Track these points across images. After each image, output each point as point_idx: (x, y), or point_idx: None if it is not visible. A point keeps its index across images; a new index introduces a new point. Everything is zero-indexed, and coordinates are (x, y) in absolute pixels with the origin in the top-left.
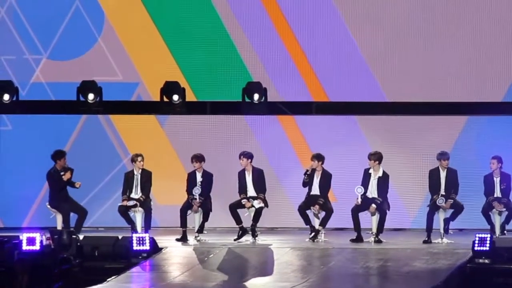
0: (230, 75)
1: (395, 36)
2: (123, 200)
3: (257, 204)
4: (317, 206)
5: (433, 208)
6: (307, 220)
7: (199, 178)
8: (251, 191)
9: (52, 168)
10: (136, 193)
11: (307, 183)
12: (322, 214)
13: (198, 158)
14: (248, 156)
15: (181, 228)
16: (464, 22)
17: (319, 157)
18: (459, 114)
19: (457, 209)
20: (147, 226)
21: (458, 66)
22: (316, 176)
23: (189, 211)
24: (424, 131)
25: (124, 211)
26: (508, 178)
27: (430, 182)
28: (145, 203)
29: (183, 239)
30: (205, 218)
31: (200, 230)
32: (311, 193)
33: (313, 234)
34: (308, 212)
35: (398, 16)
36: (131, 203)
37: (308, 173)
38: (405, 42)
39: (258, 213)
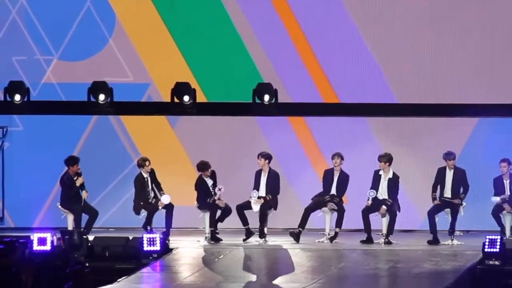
0: (240, 76)
1: (405, 38)
2: (152, 201)
3: (254, 203)
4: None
5: (434, 208)
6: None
7: (209, 182)
8: (262, 191)
9: (65, 174)
10: (155, 194)
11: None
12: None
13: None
14: (266, 157)
15: (185, 229)
16: (475, 23)
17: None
18: (470, 116)
19: (454, 210)
20: (169, 225)
21: (468, 68)
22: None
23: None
24: (434, 132)
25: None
26: None
27: (436, 179)
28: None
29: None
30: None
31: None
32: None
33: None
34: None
35: (408, 17)
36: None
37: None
38: (415, 43)
39: (263, 214)
